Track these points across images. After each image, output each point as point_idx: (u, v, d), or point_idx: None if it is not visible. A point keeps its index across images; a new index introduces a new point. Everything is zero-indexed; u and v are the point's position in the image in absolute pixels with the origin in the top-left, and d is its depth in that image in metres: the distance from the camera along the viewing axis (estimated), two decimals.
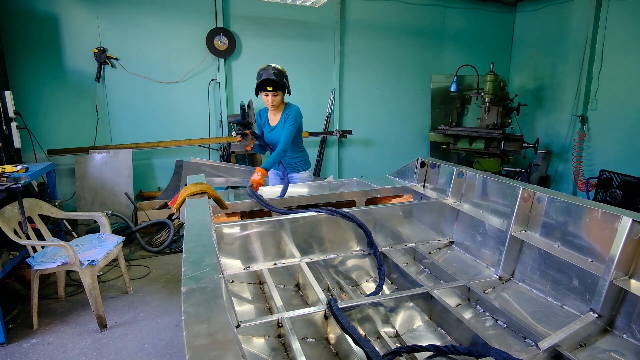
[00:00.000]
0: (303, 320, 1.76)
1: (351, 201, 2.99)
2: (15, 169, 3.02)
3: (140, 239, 4.23)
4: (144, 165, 5.15)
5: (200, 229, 1.56)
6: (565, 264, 1.95)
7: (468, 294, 2.09)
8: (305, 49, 5.69)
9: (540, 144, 5.57)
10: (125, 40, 4.80)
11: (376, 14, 5.95)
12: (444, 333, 1.88)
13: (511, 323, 1.83)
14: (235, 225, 2.30)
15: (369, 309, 1.90)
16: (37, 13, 4.43)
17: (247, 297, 2.15)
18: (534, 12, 6.35)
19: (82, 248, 3.12)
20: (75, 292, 3.43)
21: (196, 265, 1.20)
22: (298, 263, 2.32)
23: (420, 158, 3.18)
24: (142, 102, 5.02)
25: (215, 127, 5.38)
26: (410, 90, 6.41)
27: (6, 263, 2.98)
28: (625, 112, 5.13)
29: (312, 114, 5.90)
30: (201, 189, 2.17)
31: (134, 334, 2.86)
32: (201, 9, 5.06)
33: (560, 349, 1.58)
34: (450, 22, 6.41)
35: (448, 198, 2.80)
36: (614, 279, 1.68)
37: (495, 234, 2.39)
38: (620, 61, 5.17)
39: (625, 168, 4.80)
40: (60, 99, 4.66)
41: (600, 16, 5.31)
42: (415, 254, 2.60)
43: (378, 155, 6.40)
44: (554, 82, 6.06)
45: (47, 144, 4.50)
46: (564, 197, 2.02)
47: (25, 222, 2.97)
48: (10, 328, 2.88)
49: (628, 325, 1.69)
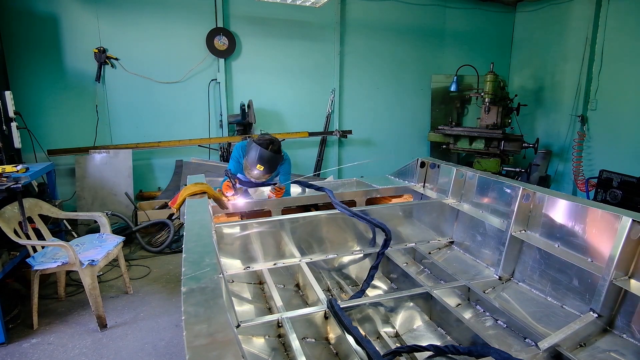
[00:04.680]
0: (303, 320, 1.76)
1: (351, 201, 2.99)
2: (16, 169, 3.02)
3: (140, 239, 4.23)
4: (144, 165, 5.15)
5: (200, 229, 1.56)
6: (565, 264, 1.95)
7: (468, 294, 2.09)
8: (305, 48, 5.69)
9: (540, 144, 5.57)
10: (125, 40, 4.80)
11: (376, 14, 5.96)
12: (444, 333, 1.88)
13: (511, 323, 1.84)
14: (235, 225, 2.30)
15: (369, 309, 1.90)
16: (37, 13, 4.43)
17: (247, 297, 2.15)
18: (534, 12, 6.35)
19: (82, 248, 3.12)
20: (75, 292, 3.43)
21: (196, 265, 1.20)
22: (298, 263, 2.32)
23: (420, 158, 3.18)
24: (142, 102, 5.02)
25: (215, 127, 5.38)
26: (410, 90, 6.42)
27: (6, 263, 2.98)
28: (625, 112, 5.13)
29: (312, 114, 5.91)
30: (201, 189, 2.17)
31: (134, 334, 2.85)
32: (201, 9, 5.06)
33: (560, 348, 1.58)
34: (450, 22, 6.41)
35: (448, 198, 2.80)
36: (614, 279, 1.68)
37: (495, 234, 2.39)
38: (620, 61, 5.17)
39: (625, 168, 4.80)
40: (60, 99, 4.66)
41: (600, 16, 5.31)
42: (415, 254, 2.60)
43: (378, 155, 6.40)
44: (554, 82, 6.06)
45: (47, 144, 4.50)
46: (564, 197, 2.02)
47: (25, 222, 2.97)
48: (10, 328, 2.88)
49: (628, 325, 1.69)
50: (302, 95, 5.81)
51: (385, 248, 2.37)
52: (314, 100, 5.89)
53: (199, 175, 2.71)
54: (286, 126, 5.75)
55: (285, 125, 5.75)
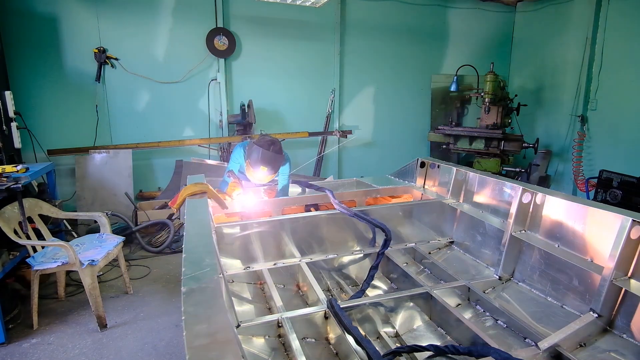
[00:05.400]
0: (303, 320, 1.76)
1: (351, 201, 2.99)
2: (16, 169, 3.02)
3: (140, 239, 4.23)
4: (144, 165, 5.15)
5: (200, 229, 1.56)
6: (565, 264, 1.95)
7: (468, 294, 2.09)
8: (305, 48, 5.69)
9: (540, 144, 5.57)
10: (125, 40, 4.80)
11: (376, 14, 5.95)
12: (444, 333, 1.88)
13: (511, 323, 1.84)
14: (235, 225, 2.30)
15: (369, 309, 1.90)
16: (37, 13, 4.42)
17: (247, 297, 2.15)
18: (534, 12, 6.35)
19: (82, 248, 3.12)
20: (75, 292, 3.43)
21: (196, 265, 1.20)
22: (298, 263, 2.32)
23: (420, 158, 3.18)
24: (142, 102, 5.02)
25: (215, 127, 5.38)
26: (411, 90, 6.41)
27: (6, 263, 2.98)
28: (625, 112, 5.13)
29: (312, 114, 5.91)
30: (201, 189, 2.17)
31: (134, 334, 2.85)
32: (201, 9, 5.06)
33: (560, 348, 1.58)
34: (450, 22, 6.41)
35: (448, 198, 2.80)
36: (614, 279, 1.68)
37: (495, 234, 2.39)
38: (620, 61, 5.17)
39: (625, 168, 4.79)
40: (60, 99, 4.66)
41: (600, 16, 5.31)
42: (415, 254, 2.60)
43: (378, 155, 6.40)
44: (554, 82, 6.06)
45: (47, 144, 4.50)
46: (564, 197, 2.02)
47: (25, 222, 2.97)
48: (10, 328, 2.87)
49: (628, 325, 1.69)
50: (302, 95, 5.81)
51: (385, 248, 2.37)
52: (314, 100, 5.89)
53: (199, 175, 2.71)
54: (286, 126, 5.75)
55: (285, 125, 5.75)
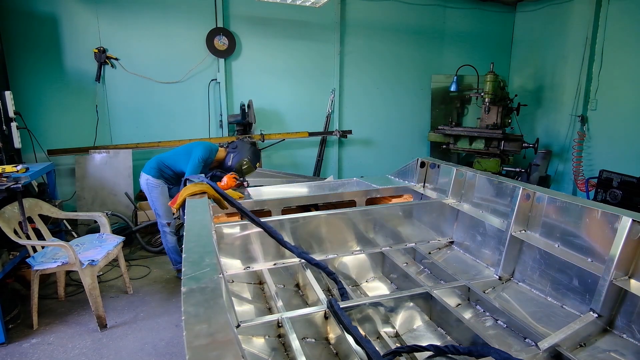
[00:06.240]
0: (303, 320, 1.76)
1: (351, 201, 2.99)
2: (16, 169, 3.02)
3: (140, 239, 4.23)
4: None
5: (200, 229, 1.56)
6: (565, 264, 1.95)
7: (468, 294, 2.09)
8: (305, 49, 5.69)
9: (540, 144, 5.57)
10: (125, 40, 4.80)
11: (376, 14, 5.95)
12: (444, 333, 1.88)
13: (511, 323, 1.83)
14: (235, 225, 2.30)
15: (369, 309, 1.90)
16: (37, 13, 4.42)
17: (247, 297, 2.15)
18: (534, 12, 6.35)
19: (82, 248, 3.12)
20: (75, 292, 3.43)
21: (196, 265, 1.20)
22: (298, 263, 2.32)
23: (420, 158, 3.18)
24: (142, 102, 5.02)
25: (215, 127, 5.37)
26: (410, 90, 6.41)
27: (6, 263, 2.98)
28: (625, 112, 5.13)
29: (312, 114, 5.91)
30: (201, 189, 2.17)
31: (134, 334, 2.85)
32: (201, 9, 5.05)
33: (560, 348, 1.58)
34: (450, 22, 6.40)
35: (448, 198, 2.80)
36: (614, 279, 1.68)
37: (495, 234, 2.39)
38: (620, 61, 5.17)
39: (625, 168, 4.79)
40: (60, 99, 4.66)
41: (600, 16, 5.31)
42: (415, 254, 2.60)
43: (378, 155, 6.40)
44: (554, 82, 6.06)
45: (47, 144, 4.49)
46: (564, 197, 2.02)
47: (25, 222, 2.97)
48: (10, 328, 2.88)
49: (628, 325, 1.69)
50: (302, 95, 5.81)
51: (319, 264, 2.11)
52: (314, 100, 5.88)
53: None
54: (286, 126, 5.75)
55: (285, 125, 5.75)
